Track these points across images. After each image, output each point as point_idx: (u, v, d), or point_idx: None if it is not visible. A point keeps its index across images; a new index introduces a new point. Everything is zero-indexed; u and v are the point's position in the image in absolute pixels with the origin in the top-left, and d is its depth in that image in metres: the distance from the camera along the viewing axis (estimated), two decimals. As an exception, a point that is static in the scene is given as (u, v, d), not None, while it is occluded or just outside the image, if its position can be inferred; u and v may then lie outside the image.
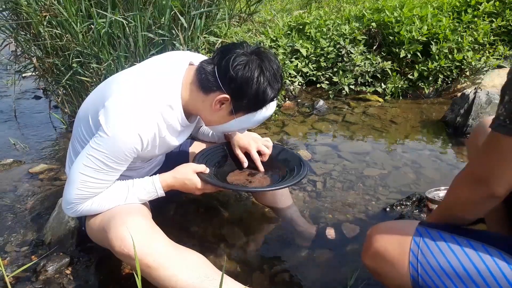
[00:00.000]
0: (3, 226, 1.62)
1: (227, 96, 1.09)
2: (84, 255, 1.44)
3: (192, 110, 1.18)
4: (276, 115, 2.81)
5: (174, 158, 1.50)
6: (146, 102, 1.06)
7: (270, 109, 1.17)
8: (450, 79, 3.12)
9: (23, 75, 3.23)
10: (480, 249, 0.81)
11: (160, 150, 1.20)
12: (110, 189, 1.13)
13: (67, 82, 2.36)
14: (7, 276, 1.27)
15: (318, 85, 3.28)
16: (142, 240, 1.02)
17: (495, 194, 0.76)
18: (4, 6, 2.34)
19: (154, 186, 1.18)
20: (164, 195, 1.20)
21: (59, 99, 2.62)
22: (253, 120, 1.17)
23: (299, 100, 3.08)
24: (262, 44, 3.06)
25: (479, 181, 0.78)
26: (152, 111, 1.07)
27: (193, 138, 1.61)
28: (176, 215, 1.67)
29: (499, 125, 0.71)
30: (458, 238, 0.84)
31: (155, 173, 1.40)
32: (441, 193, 1.56)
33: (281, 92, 2.99)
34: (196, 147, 1.52)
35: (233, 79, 1.06)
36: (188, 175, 1.19)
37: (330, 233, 1.54)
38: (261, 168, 1.39)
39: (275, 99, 1.16)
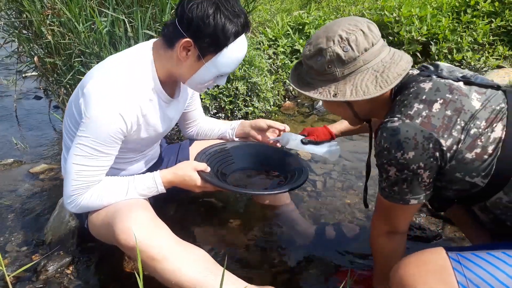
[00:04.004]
0: (3, 226, 1.62)
1: (189, 39, 1.07)
2: (84, 255, 1.44)
3: (169, 77, 1.18)
4: (276, 115, 2.82)
5: (174, 158, 1.51)
6: (122, 81, 1.08)
7: (241, 49, 1.13)
8: (450, 79, 3.12)
9: (24, 75, 3.23)
10: None
11: (147, 131, 1.20)
12: (111, 183, 1.14)
13: (68, 82, 2.36)
14: (8, 275, 1.28)
15: (318, 85, 3.28)
16: (147, 233, 1.03)
17: (404, 233, 1.04)
18: (7, 5, 2.35)
19: (155, 181, 1.18)
20: (164, 191, 1.21)
21: (60, 99, 2.62)
22: (226, 62, 1.12)
23: (299, 100, 3.09)
24: (261, 44, 3.06)
25: (391, 232, 1.03)
26: (129, 89, 1.08)
27: (192, 138, 1.62)
28: (176, 215, 1.68)
29: (388, 196, 0.95)
30: (493, 252, 0.83)
31: (150, 169, 1.41)
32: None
33: (281, 92, 2.98)
34: (196, 147, 1.52)
35: (190, 20, 1.05)
36: (189, 172, 1.20)
37: (330, 233, 1.54)
38: (281, 126, 1.44)
39: (241, 35, 1.11)
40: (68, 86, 2.45)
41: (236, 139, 1.55)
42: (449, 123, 0.84)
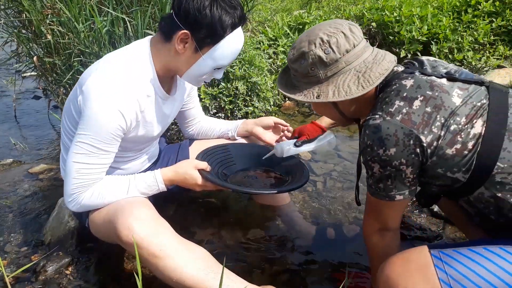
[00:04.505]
0: (3, 226, 1.62)
1: (186, 31, 1.07)
2: (83, 255, 1.43)
3: (166, 71, 1.18)
4: (276, 115, 2.81)
5: (174, 157, 1.51)
6: (120, 77, 1.07)
7: (238, 41, 1.13)
8: (450, 79, 3.11)
9: (23, 75, 3.22)
10: (501, 253, 0.81)
11: (145, 128, 1.20)
12: (111, 181, 1.14)
13: (67, 81, 2.36)
14: (7, 276, 1.27)
15: (318, 85, 3.27)
16: (149, 230, 1.03)
17: (395, 229, 1.04)
18: (7, 4, 2.34)
19: (156, 179, 1.18)
20: (165, 189, 1.20)
21: (59, 98, 2.61)
22: (223, 54, 1.12)
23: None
24: (261, 44, 3.05)
25: (382, 229, 1.03)
26: (127, 85, 1.08)
27: (193, 138, 1.61)
28: (176, 215, 1.67)
29: (374, 193, 0.97)
30: (475, 248, 0.84)
31: (150, 169, 1.40)
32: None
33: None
34: (196, 147, 1.52)
35: (187, 12, 1.05)
36: (189, 170, 1.19)
37: (330, 233, 1.54)
38: (285, 122, 1.52)
39: (237, 27, 1.11)
40: (67, 86, 2.44)
41: (238, 138, 1.54)
42: (429, 120, 0.86)
